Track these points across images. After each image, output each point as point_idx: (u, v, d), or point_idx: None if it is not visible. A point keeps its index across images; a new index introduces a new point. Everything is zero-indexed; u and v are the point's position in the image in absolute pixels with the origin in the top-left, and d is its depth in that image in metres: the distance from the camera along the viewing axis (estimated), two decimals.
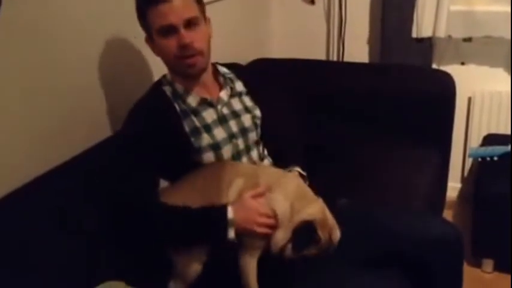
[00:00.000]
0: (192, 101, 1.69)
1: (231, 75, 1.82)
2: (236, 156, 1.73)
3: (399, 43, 2.82)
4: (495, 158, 2.36)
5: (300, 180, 1.68)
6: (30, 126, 1.64)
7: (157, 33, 1.61)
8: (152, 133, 1.61)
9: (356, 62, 2.94)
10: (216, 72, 1.79)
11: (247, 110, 1.80)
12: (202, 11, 1.67)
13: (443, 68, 2.76)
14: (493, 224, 2.41)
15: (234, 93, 1.78)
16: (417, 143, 2.50)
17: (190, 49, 1.60)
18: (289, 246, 1.52)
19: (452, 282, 1.77)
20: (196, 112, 1.69)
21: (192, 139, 1.65)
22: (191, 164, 1.66)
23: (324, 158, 2.38)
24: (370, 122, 2.62)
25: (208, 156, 1.67)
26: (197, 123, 1.67)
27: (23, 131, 1.61)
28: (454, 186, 3.03)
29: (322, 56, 3.15)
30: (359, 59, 3.01)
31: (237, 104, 1.78)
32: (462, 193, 3.08)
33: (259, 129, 1.82)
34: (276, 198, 1.57)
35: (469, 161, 3.02)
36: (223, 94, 1.75)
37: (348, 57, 3.04)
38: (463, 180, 3.08)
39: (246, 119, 1.78)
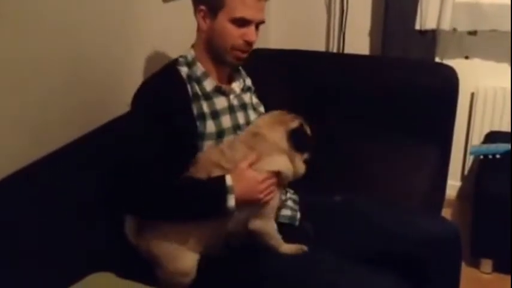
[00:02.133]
0: (208, 85, 1.70)
1: (243, 72, 1.85)
2: None
3: (401, 35, 2.81)
4: (497, 156, 2.34)
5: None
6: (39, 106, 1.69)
7: (232, 19, 1.63)
8: (160, 112, 1.61)
9: (356, 54, 2.92)
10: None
11: (254, 106, 1.82)
12: None
13: (447, 61, 2.75)
14: (492, 223, 2.41)
15: (244, 88, 1.81)
16: (417, 139, 2.50)
17: (250, 46, 1.68)
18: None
19: (450, 281, 1.77)
20: (208, 97, 1.69)
21: (198, 123, 1.65)
22: (192, 149, 1.65)
23: (321, 153, 2.34)
24: (369, 116, 2.62)
25: (210, 144, 1.67)
26: (205, 109, 1.67)
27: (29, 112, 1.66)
28: (453, 185, 3.04)
29: (321, 48, 3.13)
30: (360, 51, 2.98)
31: (247, 98, 1.81)
32: (462, 191, 3.09)
33: None
34: (272, 160, 1.59)
35: (469, 159, 3.02)
36: (236, 86, 1.78)
37: (349, 49, 3.02)
38: (463, 178, 3.08)
39: (252, 114, 1.79)
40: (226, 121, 1.70)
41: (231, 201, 1.52)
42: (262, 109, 1.84)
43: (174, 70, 1.70)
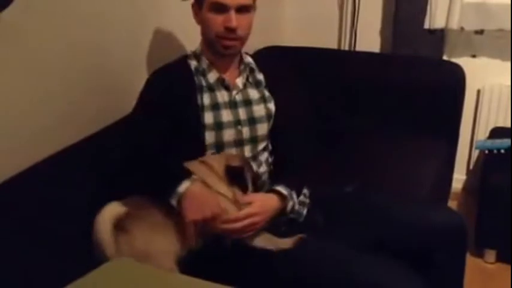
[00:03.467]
0: (212, 77, 1.74)
1: (253, 65, 1.83)
2: (238, 143, 1.74)
3: (411, 34, 2.82)
4: (502, 151, 2.36)
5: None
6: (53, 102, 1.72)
7: (209, 6, 1.65)
8: (167, 99, 1.66)
9: (366, 52, 2.94)
10: (240, 60, 1.81)
11: (263, 100, 1.80)
12: None
13: (454, 60, 2.75)
14: (496, 215, 2.41)
15: (251, 82, 1.80)
16: (425, 134, 2.51)
17: (233, 33, 1.66)
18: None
19: (456, 270, 1.79)
20: (211, 89, 1.72)
21: (200, 114, 1.69)
22: (194, 141, 1.68)
23: (331, 146, 2.41)
24: (379, 111, 2.64)
25: (211, 136, 1.70)
26: (208, 100, 1.71)
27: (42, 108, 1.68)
28: (459, 178, 3.03)
29: (333, 45, 3.14)
30: (371, 48, 3.00)
31: (253, 93, 1.79)
32: (467, 185, 3.09)
33: (271, 123, 1.81)
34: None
35: (475, 154, 3.01)
36: (239, 81, 1.77)
37: (360, 47, 3.03)
38: (468, 172, 3.08)
39: (259, 110, 1.78)
40: (226, 115, 1.71)
41: (173, 202, 1.50)
42: (272, 105, 1.80)
43: (184, 62, 1.77)
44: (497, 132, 2.72)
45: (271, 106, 1.81)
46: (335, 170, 2.09)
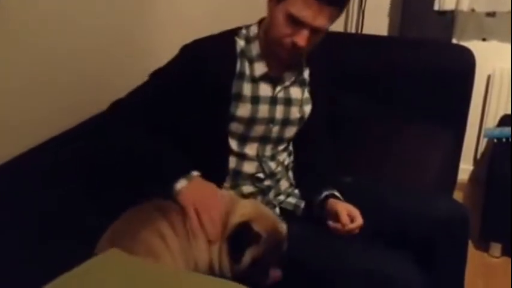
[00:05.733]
0: (258, 69, 1.59)
1: (303, 61, 1.69)
2: (263, 141, 1.65)
3: (420, 15, 2.79)
4: (511, 140, 2.36)
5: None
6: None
7: (286, 13, 1.48)
8: (196, 72, 1.54)
9: (374, 35, 2.88)
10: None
11: (302, 102, 1.68)
12: (334, 21, 1.54)
13: (464, 43, 2.71)
14: (504, 207, 2.38)
15: (297, 81, 1.67)
16: (431, 120, 2.47)
17: (298, 50, 1.51)
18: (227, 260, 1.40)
19: (457, 261, 1.76)
20: (254, 80, 1.59)
21: (232, 103, 1.57)
22: (215, 129, 1.59)
23: (336, 132, 2.34)
24: (385, 96, 2.59)
25: (236, 128, 1.59)
26: (246, 91, 1.58)
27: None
28: (466, 168, 3.03)
29: (340, 28, 3.09)
30: (378, 31, 2.96)
31: (295, 93, 1.67)
32: (474, 175, 3.08)
33: (300, 126, 1.72)
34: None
35: (483, 143, 3.00)
36: (287, 77, 1.65)
37: (367, 30, 2.99)
38: (476, 162, 3.07)
39: (295, 112, 1.67)
40: (263, 111, 1.60)
41: (179, 185, 1.48)
42: (308, 108, 1.69)
43: (231, 39, 1.60)
44: (507, 120, 2.72)
45: (307, 109, 1.70)
46: (337, 156, 2.01)
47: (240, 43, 1.60)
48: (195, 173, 1.52)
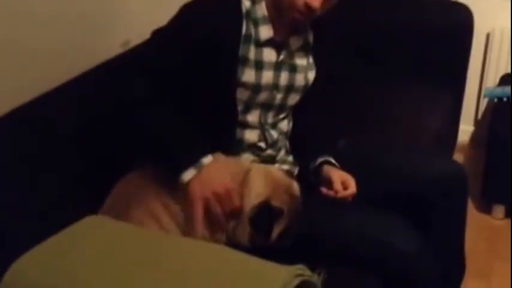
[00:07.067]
0: (263, 32, 1.52)
1: (308, 24, 1.62)
2: (265, 108, 1.59)
3: None
4: None
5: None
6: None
7: None
8: (199, 33, 1.45)
9: None
10: None
11: (306, 68, 1.62)
12: None
13: (463, 0, 2.63)
14: (505, 168, 2.37)
15: (303, 46, 1.61)
16: (429, 80, 2.47)
17: (311, 12, 1.45)
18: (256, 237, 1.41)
19: (455, 222, 1.75)
20: (258, 44, 1.52)
21: (239, 68, 1.50)
22: (222, 94, 1.51)
23: (329, 95, 2.30)
24: (380, 57, 2.58)
25: (242, 94, 1.52)
26: (251, 55, 1.51)
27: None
28: (466, 129, 3.00)
29: None
30: None
31: (300, 58, 1.61)
32: (475, 136, 3.06)
33: (303, 94, 1.65)
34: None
35: (483, 103, 2.97)
36: (293, 42, 1.58)
37: None
38: (476, 122, 3.05)
39: (300, 79, 1.61)
40: (267, 76, 1.54)
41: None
42: (312, 74, 1.63)
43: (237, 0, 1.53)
44: (507, 79, 2.66)
45: (311, 76, 1.64)
46: (329, 121, 1.97)
47: (246, 3, 1.52)
48: (206, 160, 1.41)
